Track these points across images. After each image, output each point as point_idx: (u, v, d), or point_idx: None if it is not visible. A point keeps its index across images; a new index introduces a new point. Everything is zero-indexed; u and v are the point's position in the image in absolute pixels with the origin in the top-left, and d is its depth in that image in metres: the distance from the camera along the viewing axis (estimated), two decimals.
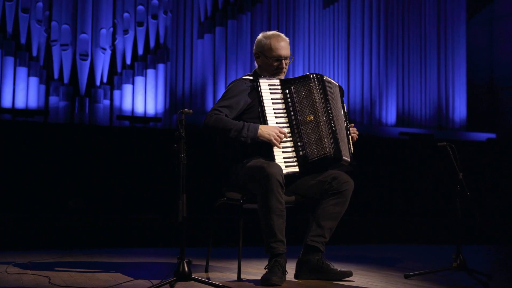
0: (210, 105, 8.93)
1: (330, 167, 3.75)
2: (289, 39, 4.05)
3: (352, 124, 3.99)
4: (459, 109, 10.42)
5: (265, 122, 3.66)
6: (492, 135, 10.09)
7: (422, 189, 8.27)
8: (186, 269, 3.08)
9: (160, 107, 8.73)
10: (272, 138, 3.57)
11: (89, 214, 6.61)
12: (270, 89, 3.72)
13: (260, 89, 3.69)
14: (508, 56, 10.98)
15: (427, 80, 10.33)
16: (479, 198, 8.03)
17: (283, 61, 3.83)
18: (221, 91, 9.00)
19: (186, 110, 3.21)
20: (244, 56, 9.21)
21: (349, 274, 3.67)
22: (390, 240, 7.10)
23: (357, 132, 3.99)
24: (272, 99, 3.71)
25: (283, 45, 3.85)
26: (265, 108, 3.68)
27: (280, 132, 3.60)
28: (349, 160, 3.77)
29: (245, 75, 3.92)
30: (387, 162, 8.21)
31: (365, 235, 6.86)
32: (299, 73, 9.37)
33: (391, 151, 8.39)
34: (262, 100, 3.68)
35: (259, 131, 3.58)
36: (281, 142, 3.59)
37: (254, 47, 3.97)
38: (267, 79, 3.75)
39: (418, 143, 8.98)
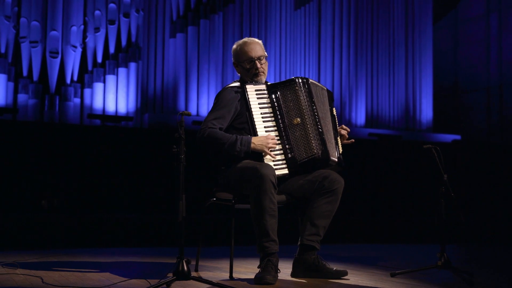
0: (182, 104, 8.92)
1: (318, 167, 3.81)
2: (261, 40, 4.13)
3: (343, 126, 4.06)
4: (426, 111, 10.64)
5: (253, 126, 3.73)
6: (457, 137, 10.33)
7: (394, 189, 8.39)
8: (185, 268, 3.10)
9: (132, 106, 8.68)
10: (266, 149, 3.64)
11: (62, 213, 6.53)
12: (257, 94, 3.80)
13: (247, 95, 3.78)
14: (471, 60, 11.27)
15: (395, 82, 10.52)
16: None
17: (256, 61, 3.90)
18: (193, 90, 9.00)
19: (186, 111, 3.22)
20: (216, 56, 9.22)
21: (345, 273, 3.75)
22: (364, 240, 7.21)
23: (347, 133, 4.07)
24: (259, 103, 3.79)
25: (252, 47, 3.93)
26: (253, 113, 3.76)
27: (272, 141, 3.66)
28: (336, 160, 3.85)
29: (232, 83, 3.97)
30: (357, 162, 8.33)
31: (341, 235, 6.96)
32: (270, 73, 9.44)
33: (361, 151, 8.50)
34: (250, 105, 3.76)
35: (252, 144, 3.65)
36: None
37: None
38: (254, 85, 3.82)
39: (387, 143, 9.13)
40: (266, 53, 3.96)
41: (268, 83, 3.89)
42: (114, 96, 8.60)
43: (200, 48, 9.12)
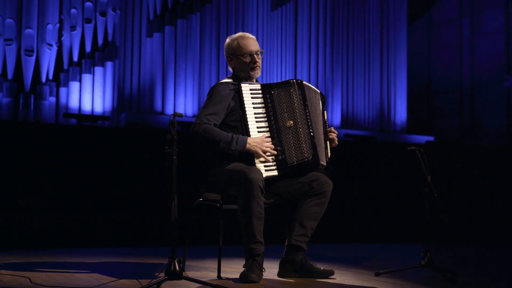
0: (158, 104, 8.90)
1: (307, 171, 3.83)
2: None
3: (332, 128, 4.10)
4: (400, 112, 10.78)
5: (246, 126, 3.72)
6: (431, 138, 10.48)
7: (368, 189, 8.47)
8: (177, 268, 3.11)
9: (108, 105, 8.63)
10: (259, 151, 3.64)
11: (39, 213, 6.47)
12: (251, 93, 3.78)
13: (242, 94, 3.75)
14: (444, 62, 11.45)
15: (371, 84, 10.64)
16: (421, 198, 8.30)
17: (255, 55, 3.90)
18: (170, 90, 8.99)
19: (178, 113, 3.22)
20: (193, 55, 9.22)
21: (331, 273, 3.79)
22: (343, 240, 7.26)
23: (336, 138, 4.11)
24: (253, 103, 3.77)
25: (250, 41, 3.93)
26: (246, 112, 3.74)
27: (267, 144, 3.66)
28: (325, 164, 3.88)
29: (226, 78, 3.95)
30: (334, 163, 8.37)
31: (322, 235, 7.01)
32: None
33: (338, 152, 8.55)
34: (244, 104, 3.74)
35: (247, 145, 3.64)
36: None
37: (224, 53, 4.02)
38: (249, 84, 3.81)
39: (362, 144, 9.22)
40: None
41: (263, 83, 3.88)
42: (90, 95, 8.54)
43: (177, 47, 9.11)
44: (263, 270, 3.61)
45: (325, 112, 4.07)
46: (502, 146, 10.34)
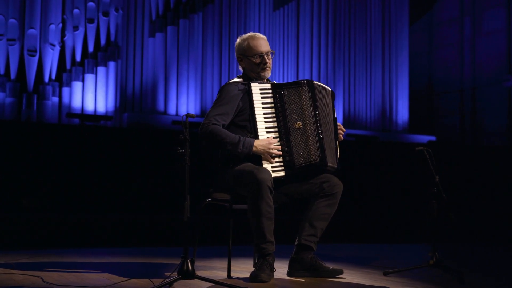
0: (161, 104, 8.91)
1: (315, 173, 3.83)
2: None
3: (341, 126, 4.10)
4: (402, 112, 10.80)
5: (254, 125, 3.72)
6: (433, 138, 10.50)
7: (370, 189, 8.48)
8: (190, 267, 3.13)
9: (111, 105, 8.64)
10: (266, 154, 3.65)
11: (43, 213, 6.46)
12: (261, 93, 3.77)
13: (252, 93, 3.74)
14: (445, 62, 11.47)
15: (372, 84, 10.65)
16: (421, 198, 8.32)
17: (265, 56, 3.89)
18: (172, 90, 8.99)
19: (190, 113, 3.22)
20: (196, 56, 9.22)
21: (340, 272, 3.81)
22: (351, 240, 7.28)
23: (344, 130, 4.12)
24: (262, 103, 3.76)
25: (261, 42, 3.92)
26: (256, 112, 3.74)
27: (274, 146, 3.67)
28: (335, 166, 3.88)
29: (236, 78, 3.95)
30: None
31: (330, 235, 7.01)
32: None
33: (340, 152, 8.55)
34: (253, 103, 3.73)
35: (254, 148, 3.65)
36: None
37: (235, 53, 4.02)
38: (259, 83, 3.80)
39: (364, 144, 9.23)
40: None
41: (274, 83, 3.88)
42: (93, 95, 8.55)
43: (179, 48, 9.12)
44: (274, 269, 3.62)
45: (334, 110, 4.05)
46: (503, 146, 10.37)
